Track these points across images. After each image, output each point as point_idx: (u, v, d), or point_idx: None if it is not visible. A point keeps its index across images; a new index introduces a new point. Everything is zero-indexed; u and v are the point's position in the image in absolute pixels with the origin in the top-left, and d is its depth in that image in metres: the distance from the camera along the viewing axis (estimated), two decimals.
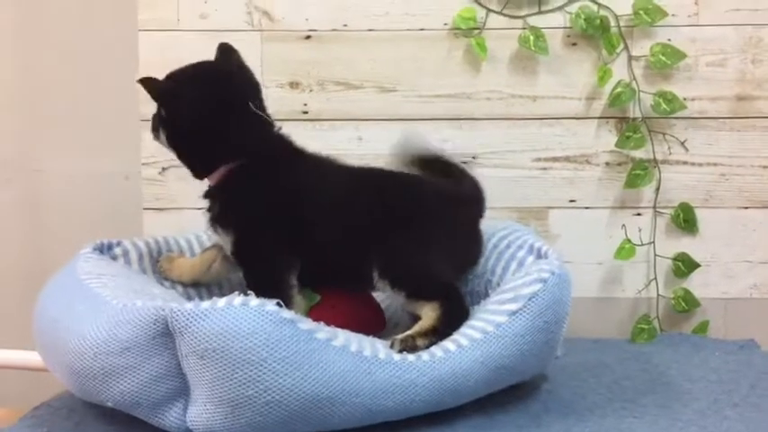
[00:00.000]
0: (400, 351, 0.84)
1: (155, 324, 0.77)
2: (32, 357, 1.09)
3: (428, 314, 0.90)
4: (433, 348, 0.85)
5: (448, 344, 0.86)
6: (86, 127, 1.36)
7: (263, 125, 1.00)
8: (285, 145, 1.03)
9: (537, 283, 0.89)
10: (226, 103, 0.98)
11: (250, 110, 0.97)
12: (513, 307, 0.87)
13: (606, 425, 0.88)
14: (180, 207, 1.31)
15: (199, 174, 1.02)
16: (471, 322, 0.89)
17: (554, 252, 0.96)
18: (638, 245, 1.26)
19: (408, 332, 0.88)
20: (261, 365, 0.73)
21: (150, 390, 0.77)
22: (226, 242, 0.98)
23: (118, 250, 1.03)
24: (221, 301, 0.75)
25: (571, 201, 1.29)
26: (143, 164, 1.30)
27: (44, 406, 0.93)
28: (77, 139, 1.36)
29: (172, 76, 1.00)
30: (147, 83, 0.98)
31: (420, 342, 0.86)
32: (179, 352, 0.76)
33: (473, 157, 1.29)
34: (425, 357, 0.83)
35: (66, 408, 0.92)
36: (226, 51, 1.03)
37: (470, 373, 0.83)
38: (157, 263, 1.04)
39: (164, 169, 1.30)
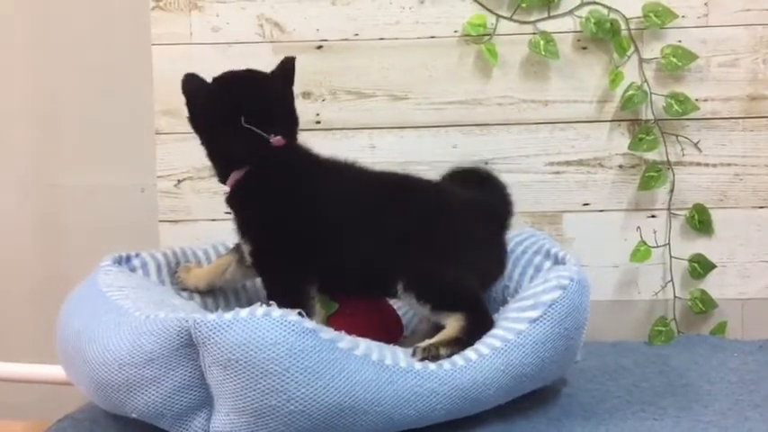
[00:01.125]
0: (422, 359, 0.85)
1: (178, 335, 0.77)
2: (54, 371, 1.10)
3: (452, 324, 0.90)
4: (454, 357, 0.85)
5: (469, 352, 0.86)
6: (102, 141, 1.37)
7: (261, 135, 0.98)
8: (300, 152, 1.03)
9: (557, 290, 0.89)
10: (222, 111, 0.99)
11: (250, 119, 0.97)
12: (534, 314, 0.87)
13: (626, 428, 0.88)
14: (195, 219, 1.32)
15: (219, 177, 1.04)
16: (494, 331, 0.89)
17: (572, 257, 0.96)
18: (654, 247, 1.26)
19: (431, 341, 0.89)
20: (284, 375, 0.74)
21: (174, 400, 0.78)
22: (245, 250, 0.99)
23: (136, 262, 1.04)
24: (244, 312, 0.75)
25: (585, 204, 1.29)
26: (158, 176, 1.31)
27: (68, 418, 0.94)
28: (93, 153, 1.37)
29: (214, 79, 1.03)
30: (185, 79, 1.02)
31: (443, 351, 0.87)
32: (202, 362, 0.77)
33: (485, 163, 1.29)
34: (447, 366, 0.83)
35: (89, 420, 0.92)
36: (282, 63, 1.04)
37: (491, 382, 0.84)
38: (175, 273, 1.05)
39: (179, 181, 1.31)
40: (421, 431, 0.84)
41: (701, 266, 1.27)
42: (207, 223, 1.32)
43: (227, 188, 1.03)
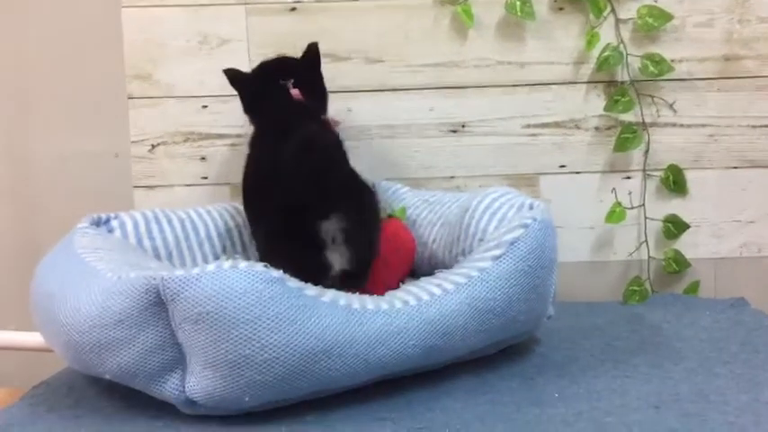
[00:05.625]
0: None
1: (146, 294, 0.77)
2: (33, 338, 1.10)
3: None
4: (419, 293, 0.86)
5: (432, 288, 0.87)
6: (73, 107, 1.35)
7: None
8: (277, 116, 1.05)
9: (519, 228, 0.90)
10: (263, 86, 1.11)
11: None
12: (497, 252, 0.88)
13: (599, 385, 0.89)
14: (171, 184, 1.31)
15: None
16: (457, 269, 0.90)
17: (541, 204, 0.96)
18: (629, 208, 1.27)
19: None
20: (255, 323, 0.74)
21: (146, 361, 0.78)
22: None
23: (115, 223, 1.03)
24: (210, 266, 0.76)
25: (561, 166, 1.29)
26: (132, 142, 1.30)
27: (43, 385, 0.94)
28: (64, 120, 1.35)
29: (254, 69, 1.15)
30: (228, 75, 1.13)
31: None
32: (172, 320, 0.77)
33: (462, 126, 1.29)
34: (412, 302, 0.84)
35: (66, 386, 0.92)
36: (308, 49, 1.13)
37: (458, 314, 0.84)
38: None
39: (153, 147, 1.30)
40: (397, 389, 0.86)
41: (674, 227, 1.28)
42: (183, 189, 1.31)
43: None
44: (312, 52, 1.13)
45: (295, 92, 1.07)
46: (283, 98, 1.07)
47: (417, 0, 1.26)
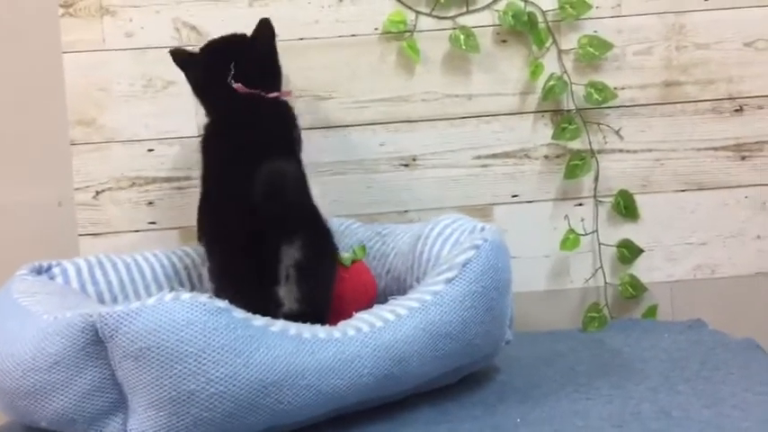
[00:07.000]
0: None
1: (83, 333, 0.73)
2: None
3: None
4: (372, 319, 0.84)
5: (386, 314, 0.85)
6: (15, 155, 1.31)
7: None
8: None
9: (470, 250, 0.89)
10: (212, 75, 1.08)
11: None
12: (450, 275, 0.87)
13: (561, 408, 0.87)
14: (117, 231, 1.27)
15: None
16: (410, 294, 0.89)
17: (492, 226, 0.96)
18: (582, 234, 1.27)
19: None
20: (200, 356, 0.71)
21: (85, 405, 0.74)
22: None
23: (56, 270, 1.00)
24: (151, 299, 0.72)
25: (514, 196, 1.29)
26: (76, 189, 1.26)
27: None
28: (6, 168, 1.31)
29: (201, 49, 1.12)
30: (172, 55, 1.12)
31: None
32: (112, 359, 0.73)
33: (413, 159, 1.28)
34: (365, 329, 0.82)
35: None
36: (260, 25, 1.08)
37: (413, 340, 0.82)
38: None
39: (98, 193, 1.27)
40: (355, 422, 0.82)
41: (628, 251, 1.28)
42: (130, 235, 1.27)
43: None
44: (264, 28, 1.07)
45: (238, 86, 1.03)
46: (230, 94, 1.03)
47: (363, 36, 1.27)
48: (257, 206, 0.87)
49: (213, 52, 1.08)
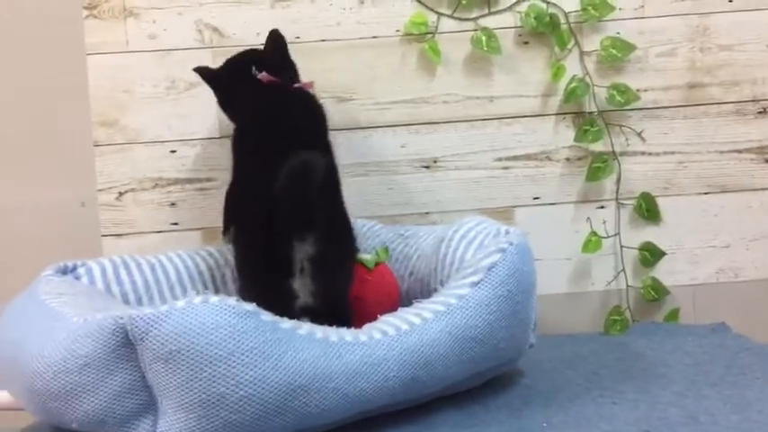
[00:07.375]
0: None
1: (113, 335, 0.74)
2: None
3: None
4: (398, 323, 0.84)
5: (412, 317, 0.84)
6: (38, 156, 1.32)
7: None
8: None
9: (496, 254, 0.89)
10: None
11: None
12: (475, 278, 0.87)
13: (587, 413, 0.87)
14: (140, 232, 1.28)
15: None
16: (435, 298, 0.88)
17: (517, 230, 0.95)
18: (604, 237, 1.27)
19: None
20: (229, 359, 0.71)
21: (115, 406, 0.74)
22: None
23: (81, 270, 1.01)
24: (180, 302, 0.73)
25: (535, 198, 1.29)
26: (99, 190, 1.27)
27: None
28: (30, 169, 1.32)
29: (222, 66, 1.16)
30: (199, 73, 1.16)
31: None
32: (142, 361, 0.73)
33: (434, 161, 1.28)
34: (391, 333, 0.82)
35: None
36: (270, 36, 1.13)
37: (438, 343, 0.82)
38: None
39: (120, 194, 1.27)
40: (381, 423, 0.82)
41: (651, 254, 1.28)
42: (152, 235, 1.28)
43: None
44: (275, 38, 1.12)
45: (263, 75, 1.06)
46: (256, 85, 1.05)
47: (384, 38, 1.27)
48: (277, 197, 0.88)
49: (233, 60, 1.12)
